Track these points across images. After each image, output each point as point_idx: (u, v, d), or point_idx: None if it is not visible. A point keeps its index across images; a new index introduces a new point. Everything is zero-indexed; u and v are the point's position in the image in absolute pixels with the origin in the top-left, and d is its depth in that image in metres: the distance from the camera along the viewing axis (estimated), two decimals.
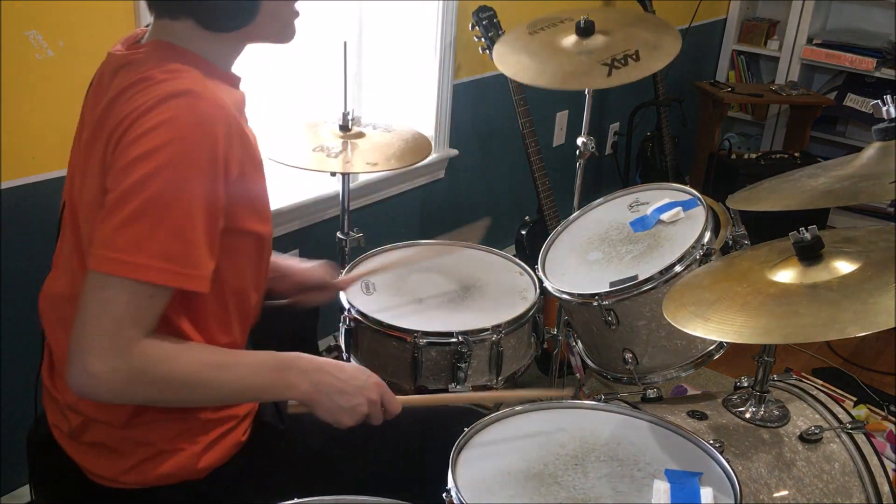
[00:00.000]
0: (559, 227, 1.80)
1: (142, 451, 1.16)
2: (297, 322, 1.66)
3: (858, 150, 1.35)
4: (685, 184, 1.72)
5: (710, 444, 1.21)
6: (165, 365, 1.04)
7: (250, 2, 1.09)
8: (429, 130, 2.67)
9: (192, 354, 1.09)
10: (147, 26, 1.17)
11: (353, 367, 1.21)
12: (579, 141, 2.06)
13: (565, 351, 2.08)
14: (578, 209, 1.85)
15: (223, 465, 1.22)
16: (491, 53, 2.04)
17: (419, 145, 1.99)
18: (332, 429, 1.20)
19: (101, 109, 1.08)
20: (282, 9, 1.15)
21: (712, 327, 1.16)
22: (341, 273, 1.66)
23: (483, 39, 2.46)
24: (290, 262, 1.57)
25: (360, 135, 1.98)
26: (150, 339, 1.03)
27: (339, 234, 2.10)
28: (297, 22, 1.19)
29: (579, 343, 1.76)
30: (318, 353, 1.85)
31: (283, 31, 1.18)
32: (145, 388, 1.04)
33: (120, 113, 1.04)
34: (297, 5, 1.18)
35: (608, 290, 1.53)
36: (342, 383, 1.16)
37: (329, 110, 2.05)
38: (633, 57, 1.82)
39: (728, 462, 1.16)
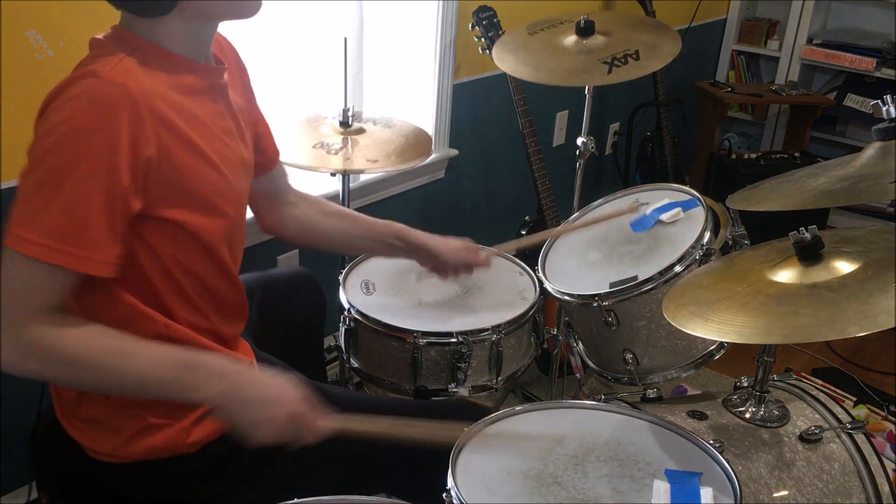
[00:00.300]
0: (559, 227, 1.80)
1: (133, 425, 1.18)
2: (303, 318, 1.67)
3: (858, 150, 1.35)
4: (685, 184, 1.72)
5: (710, 444, 1.21)
6: (59, 343, 1.04)
7: None
8: (429, 130, 2.67)
9: (90, 336, 1.07)
10: None
11: (276, 378, 1.14)
12: (579, 141, 2.06)
13: (565, 351, 2.08)
14: (578, 209, 1.85)
15: (216, 441, 1.23)
16: (491, 53, 2.04)
17: (420, 141, 1.99)
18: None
19: None
20: None
21: (712, 327, 1.16)
22: (482, 250, 1.65)
23: (483, 39, 2.46)
24: (433, 243, 1.57)
25: (361, 131, 1.98)
26: (51, 317, 1.04)
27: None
28: None
29: (579, 343, 1.76)
30: (323, 350, 1.86)
31: (236, 4, 1.15)
32: (39, 364, 1.05)
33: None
34: None
35: (608, 290, 1.53)
36: (249, 393, 1.10)
37: (329, 107, 2.05)
38: (633, 56, 1.83)
39: (728, 462, 1.16)
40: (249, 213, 1.43)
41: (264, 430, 1.10)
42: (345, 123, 1.96)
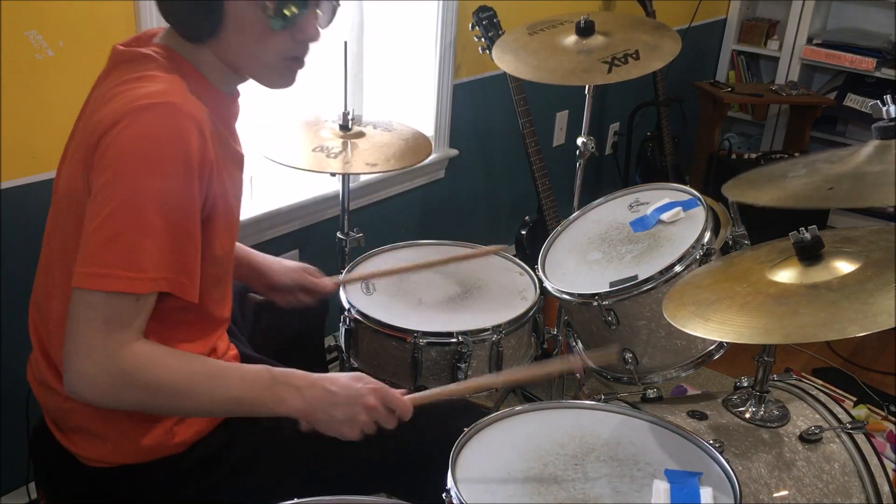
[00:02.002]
0: (559, 227, 1.80)
1: (117, 430, 1.18)
2: (304, 322, 1.66)
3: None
4: (685, 184, 1.72)
5: (710, 444, 1.21)
6: (155, 370, 1.06)
7: (212, 17, 1.09)
8: (429, 130, 2.67)
9: (183, 362, 1.10)
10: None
11: (346, 377, 1.18)
12: (579, 141, 2.06)
13: (565, 351, 2.08)
14: (578, 209, 1.85)
15: (203, 440, 1.24)
16: (491, 53, 2.04)
17: (419, 145, 1.99)
18: (303, 443, 1.20)
19: (90, 101, 1.13)
20: (254, 44, 1.12)
21: (712, 327, 1.16)
22: (324, 276, 1.63)
23: (483, 39, 2.46)
24: (266, 262, 1.56)
25: (360, 134, 1.97)
26: (141, 344, 1.05)
27: (339, 235, 2.10)
28: (294, 71, 1.18)
29: (579, 343, 1.76)
30: (324, 354, 1.86)
31: (266, 73, 1.17)
32: (135, 392, 1.06)
33: (101, 113, 1.06)
34: (298, 53, 1.16)
35: (608, 290, 1.53)
36: (333, 395, 1.14)
37: (329, 110, 2.05)
38: (633, 56, 1.83)
39: (728, 462, 1.16)
40: (248, 215, 1.43)
41: (349, 426, 1.15)
42: (344, 127, 1.96)
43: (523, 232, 2.67)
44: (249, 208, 2.20)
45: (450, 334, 1.56)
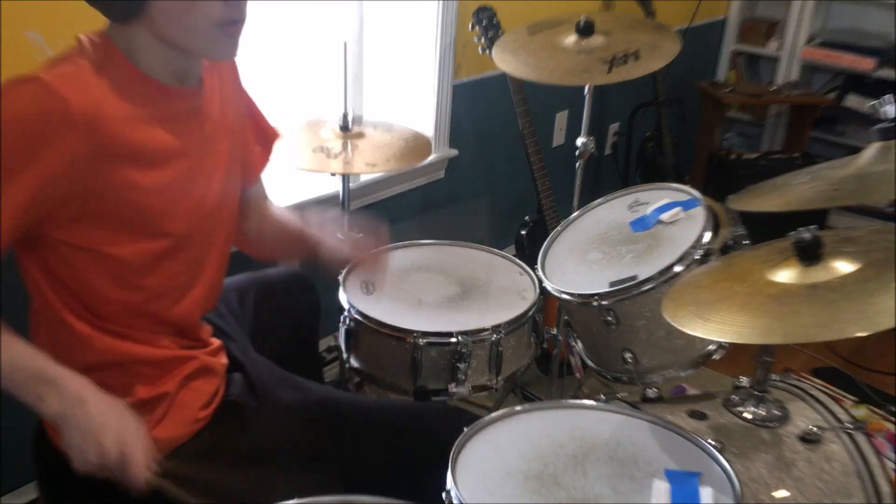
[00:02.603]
0: (559, 227, 1.80)
1: None
2: (298, 319, 1.66)
3: (858, 150, 1.35)
4: (685, 184, 1.72)
5: (710, 444, 1.21)
6: None
7: None
8: (429, 130, 2.67)
9: None
10: None
11: (106, 408, 1.09)
12: (579, 141, 2.06)
13: (565, 351, 2.08)
14: (578, 209, 1.85)
15: (188, 442, 1.24)
16: (491, 53, 2.04)
17: (419, 146, 1.99)
18: (314, 417, 1.20)
19: None
20: (181, 11, 1.10)
21: (712, 327, 1.16)
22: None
23: (483, 39, 2.46)
24: (326, 239, 1.53)
25: (361, 135, 1.97)
26: None
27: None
28: (230, 36, 1.14)
29: (579, 343, 1.76)
30: (318, 354, 1.86)
31: (201, 42, 1.13)
32: None
33: None
34: (228, 14, 1.12)
35: (608, 290, 1.53)
36: (81, 417, 1.07)
37: (329, 111, 2.05)
38: (634, 56, 1.83)
39: (728, 462, 1.16)
40: None
41: (79, 454, 1.07)
42: (345, 128, 1.96)
43: (523, 232, 2.67)
44: None
45: (449, 334, 1.56)
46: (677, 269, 1.48)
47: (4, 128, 1.03)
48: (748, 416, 1.43)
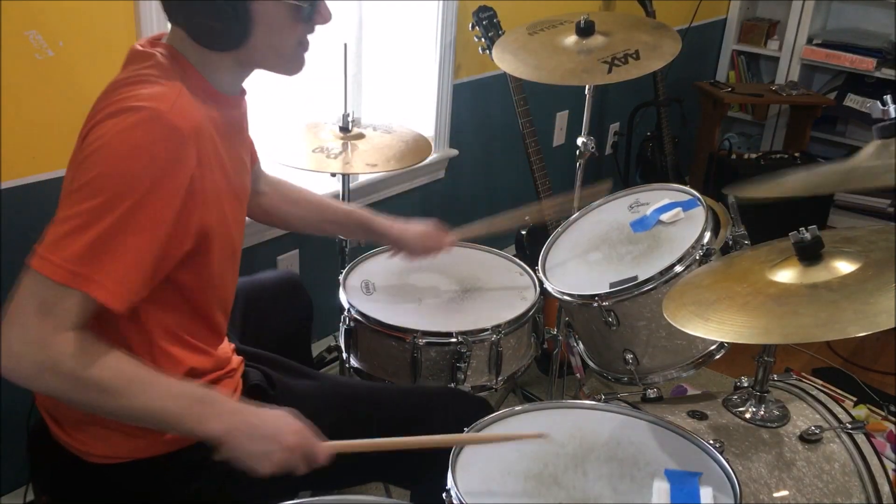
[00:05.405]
0: (559, 228, 1.80)
1: (114, 425, 1.18)
2: (289, 325, 1.66)
3: (858, 149, 1.35)
4: (685, 184, 1.72)
5: (710, 444, 1.21)
6: (80, 361, 1.04)
7: (241, 26, 1.09)
8: (429, 131, 2.67)
9: (111, 361, 1.07)
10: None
11: (273, 413, 1.16)
12: (579, 141, 2.06)
13: (565, 351, 2.08)
14: (578, 209, 1.85)
15: (192, 445, 1.23)
16: (491, 53, 2.04)
17: (419, 146, 1.99)
18: (331, 402, 1.22)
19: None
20: (279, 39, 1.14)
21: (712, 327, 1.16)
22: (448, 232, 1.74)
23: (483, 39, 2.46)
24: (395, 232, 1.68)
25: (360, 136, 1.98)
26: (74, 335, 1.03)
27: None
28: (305, 55, 1.19)
29: (579, 343, 1.76)
30: (311, 359, 1.85)
31: (284, 63, 1.18)
32: (55, 379, 1.04)
33: (93, 110, 1.07)
34: (308, 36, 1.17)
35: (608, 290, 1.53)
36: (254, 427, 1.12)
37: (329, 112, 2.05)
38: (633, 56, 1.82)
39: (728, 462, 1.16)
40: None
41: (262, 461, 1.12)
42: (345, 129, 1.96)
43: (523, 232, 2.67)
44: None
45: (449, 334, 1.56)
46: (678, 269, 1.48)
47: (130, 164, 1.02)
48: (748, 416, 1.43)
